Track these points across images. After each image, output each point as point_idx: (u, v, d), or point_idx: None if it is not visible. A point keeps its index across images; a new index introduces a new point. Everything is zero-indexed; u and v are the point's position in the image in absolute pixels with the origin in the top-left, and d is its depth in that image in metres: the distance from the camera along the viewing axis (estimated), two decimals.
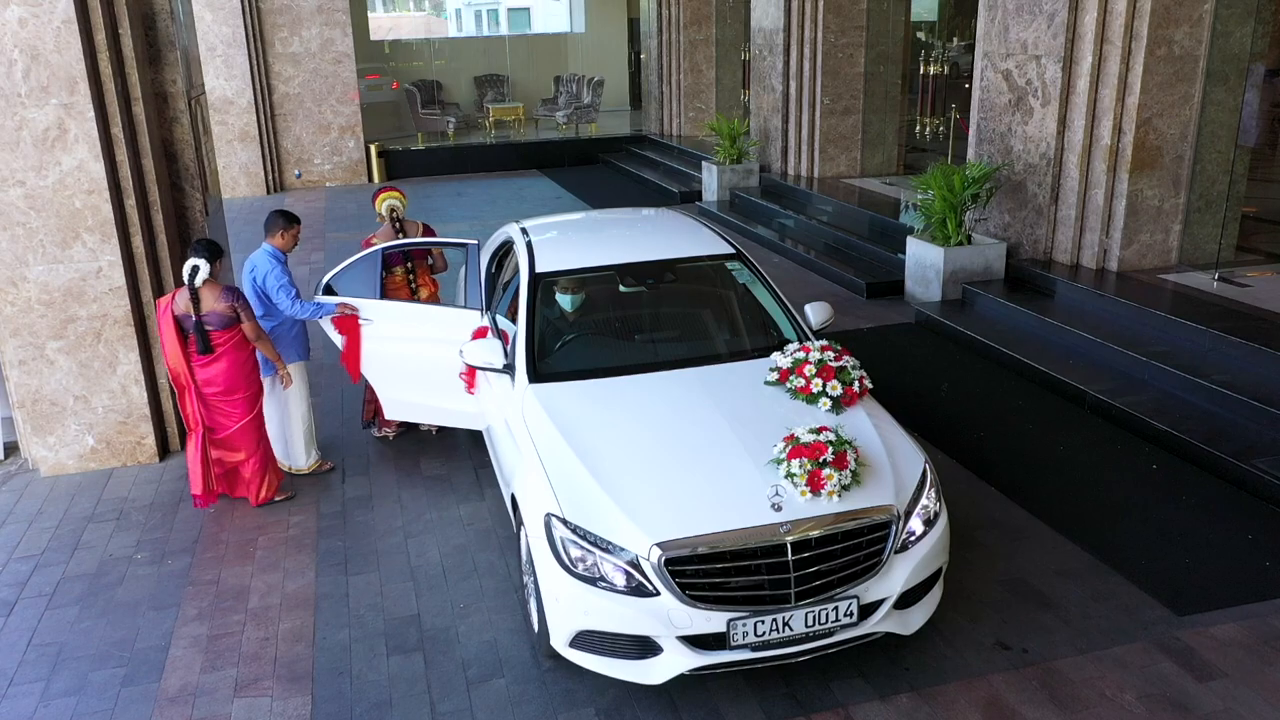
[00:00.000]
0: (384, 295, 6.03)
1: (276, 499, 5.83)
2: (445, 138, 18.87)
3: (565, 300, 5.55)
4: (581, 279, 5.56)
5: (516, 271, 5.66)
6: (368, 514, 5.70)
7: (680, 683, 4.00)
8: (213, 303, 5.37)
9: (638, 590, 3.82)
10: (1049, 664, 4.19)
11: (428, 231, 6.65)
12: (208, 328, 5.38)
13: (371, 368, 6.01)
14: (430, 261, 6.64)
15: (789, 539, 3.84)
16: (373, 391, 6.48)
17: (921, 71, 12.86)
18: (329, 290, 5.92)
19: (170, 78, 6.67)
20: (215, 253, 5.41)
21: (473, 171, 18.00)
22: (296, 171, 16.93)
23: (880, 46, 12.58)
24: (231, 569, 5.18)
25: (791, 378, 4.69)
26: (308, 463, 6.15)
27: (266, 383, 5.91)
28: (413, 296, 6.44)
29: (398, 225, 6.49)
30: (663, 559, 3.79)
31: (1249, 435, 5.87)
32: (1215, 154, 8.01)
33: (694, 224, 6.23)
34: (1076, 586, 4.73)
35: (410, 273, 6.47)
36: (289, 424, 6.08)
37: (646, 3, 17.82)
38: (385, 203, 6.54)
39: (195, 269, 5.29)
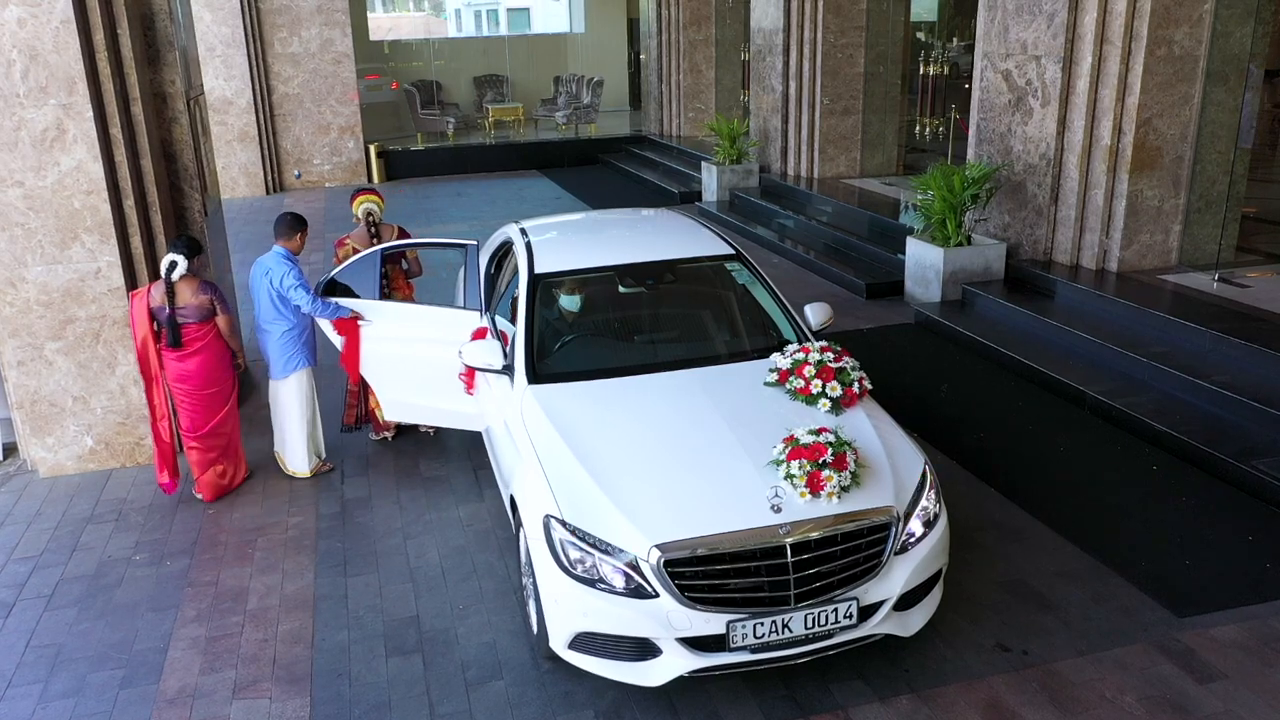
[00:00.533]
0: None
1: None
2: (445, 138, 18.86)
3: (565, 301, 5.55)
4: (581, 280, 5.56)
5: (516, 272, 5.65)
6: (367, 515, 5.70)
7: (680, 685, 3.99)
8: (189, 297, 5.55)
9: (637, 592, 3.81)
10: (1049, 666, 4.18)
11: (402, 235, 6.66)
12: (181, 321, 5.55)
13: (371, 368, 6.01)
14: (405, 266, 6.62)
15: (788, 540, 3.84)
16: (354, 395, 6.45)
17: (921, 72, 12.84)
18: (333, 284, 5.93)
19: (169, 78, 6.67)
20: (194, 249, 5.59)
21: (472, 172, 17.99)
22: (296, 172, 16.93)
23: (880, 47, 12.57)
24: (230, 570, 5.17)
25: (791, 379, 4.69)
26: (308, 467, 6.13)
27: (282, 383, 5.97)
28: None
29: (373, 229, 6.49)
30: (662, 560, 3.78)
31: (1249, 436, 5.87)
32: (1215, 154, 8.00)
33: (693, 224, 6.22)
34: (1076, 588, 4.72)
35: (384, 276, 6.45)
36: (287, 427, 6.07)
37: (646, 3, 17.82)
38: (362, 205, 6.55)
39: (173, 264, 5.47)
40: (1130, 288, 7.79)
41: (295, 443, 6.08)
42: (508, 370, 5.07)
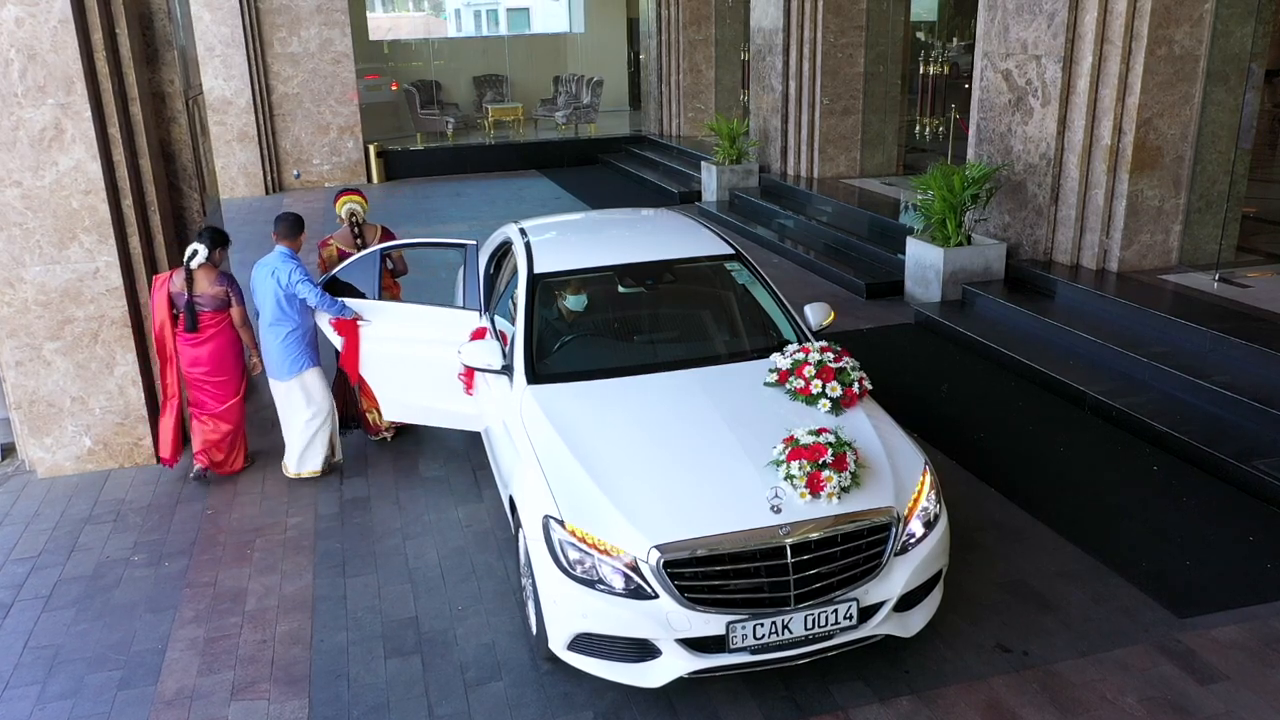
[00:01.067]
0: None
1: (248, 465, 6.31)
2: (444, 138, 18.84)
3: (570, 301, 5.53)
4: (581, 279, 5.55)
5: (515, 272, 5.64)
6: (366, 516, 5.68)
7: (679, 686, 3.98)
8: (206, 286, 5.80)
9: (636, 593, 3.80)
10: (1050, 667, 4.17)
11: (386, 235, 6.65)
12: (199, 308, 5.79)
13: (370, 368, 6.00)
14: (390, 265, 6.61)
15: (788, 541, 3.83)
16: (340, 400, 6.42)
17: (921, 71, 12.83)
18: (335, 283, 5.93)
19: (168, 78, 6.66)
20: (217, 241, 5.86)
21: (472, 172, 17.97)
22: (295, 172, 16.91)
23: (880, 46, 12.56)
24: (229, 571, 5.16)
25: (791, 379, 4.68)
26: (313, 467, 6.08)
27: (286, 384, 5.95)
28: None
29: (357, 230, 6.48)
30: (661, 561, 3.77)
31: (1249, 436, 5.86)
32: (1215, 154, 7.99)
33: (693, 224, 6.21)
34: (1077, 588, 4.71)
35: None
36: (291, 429, 6.03)
37: (646, 3, 17.80)
38: (345, 206, 6.56)
39: (194, 252, 5.74)
40: (1130, 288, 7.78)
41: (296, 445, 6.05)
42: (507, 370, 5.06)
